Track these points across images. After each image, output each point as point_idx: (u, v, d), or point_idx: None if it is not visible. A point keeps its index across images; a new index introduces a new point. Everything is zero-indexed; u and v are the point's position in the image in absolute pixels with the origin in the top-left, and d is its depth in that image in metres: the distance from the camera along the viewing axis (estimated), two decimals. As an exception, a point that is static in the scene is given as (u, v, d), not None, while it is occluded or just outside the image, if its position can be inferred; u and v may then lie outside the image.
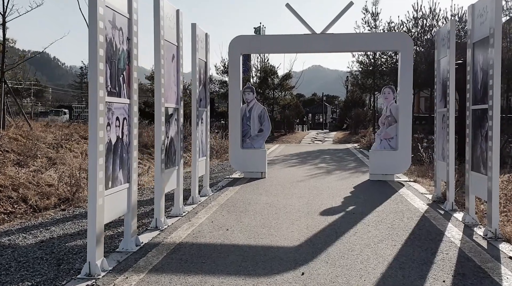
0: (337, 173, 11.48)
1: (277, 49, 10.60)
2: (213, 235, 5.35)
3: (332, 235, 5.38)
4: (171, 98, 6.14)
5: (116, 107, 4.38)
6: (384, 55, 26.41)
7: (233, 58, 10.42)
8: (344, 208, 6.99)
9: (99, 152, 3.96)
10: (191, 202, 7.36)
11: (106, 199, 4.16)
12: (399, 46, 10.11)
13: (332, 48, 10.33)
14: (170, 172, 6.11)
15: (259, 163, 10.52)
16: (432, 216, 6.43)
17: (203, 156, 8.01)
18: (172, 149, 6.21)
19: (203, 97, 7.97)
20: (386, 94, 10.46)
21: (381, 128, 10.52)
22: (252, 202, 7.46)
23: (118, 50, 4.42)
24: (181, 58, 6.46)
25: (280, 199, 7.76)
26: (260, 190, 8.67)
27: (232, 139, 10.56)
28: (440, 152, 7.64)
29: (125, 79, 4.57)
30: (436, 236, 5.38)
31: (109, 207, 4.23)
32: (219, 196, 8.07)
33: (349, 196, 8.18)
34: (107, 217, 4.23)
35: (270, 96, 31.19)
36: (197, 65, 7.41)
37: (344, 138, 29.27)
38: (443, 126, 7.46)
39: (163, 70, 5.73)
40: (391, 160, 10.14)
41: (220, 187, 9.19)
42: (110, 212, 4.29)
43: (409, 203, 7.39)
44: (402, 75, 10.04)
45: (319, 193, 8.42)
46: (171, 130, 6.15)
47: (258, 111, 10.82)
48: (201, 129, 7.85)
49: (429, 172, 10.68)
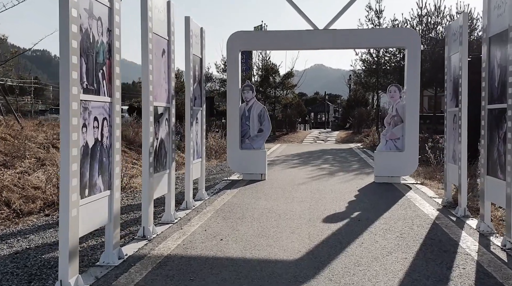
0: (340, 175, 11.00)
1: (277, 45, 10.12)
2: (205, 246, 4.88)
3: (336, 246, 4.91)
4: (161, 96, 5.68)
5: (94, 106, 3.92)
6: (388, 53, 25.89)
7: (232, 55, 9.95)
8: (348, 214, 6.52)
9: (72, 157, 3.49)
10: (185, 207, 6.89)
11: (82, 209, 3.69)
12: (405, 42, 9.62)
13: (335, 44, 9.84)
14: (160, 176, 5.64)
15: (259, 164, 10.04)
16: (443, 224, 5.95)
17: (198, 158, 7.54)
18: (163, 151, 5.74)
19: (198, 95, 7.50)
20: (392, 92, 9.97)
21: (386, 128, 10.03)
22: (250, 207, 6.99)
23: (96, 42, 3.95)
24: (172, 53, 5.99)
25: (280, 203, 7.29)
26: (259, 194, 8.20)
27: (231, 139, 10.09)
28: (451, 154, 7.15)
29: (105, 74, 4.10)
30: (450, 247, 4.90)
31: (85, 218, 3.77)
32: (215, 200, 7.60)
33: (354, 200, 7.70)
34: (83, 229, 3.76)
35: (271, 94, 30.70)
36: (191, 61, 6.94)
37: (347, 137, 28.77)
38: (454, 127, 6.97)
39: (152, 66, 5.26)
40: (397, 161, 9.65)
41: (217, 190, 8.72)
42: (87, 224, 3.83)
43: (418, 209, 6.91)
44: (408, 73, 9.55)
45: (322, 197, 7.95)
46: (161, 131, 5.68)
47: (258, 110, 10.34)
48: (195, 130, 7.38)
49: (437, 174, 10.20)
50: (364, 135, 25.39)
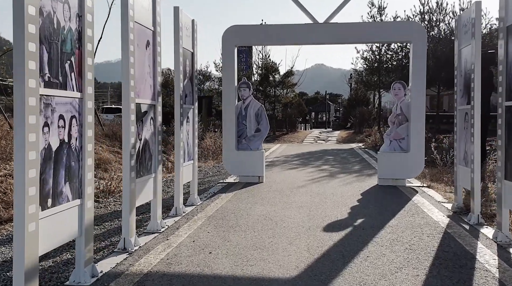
0: (341, 177, 10.47)
1: (275, 40, 9.58)
2: (192, 260, 4.35)
3: (339, 260, 4.38)
4: (145, 92, 5.15)
5: (59, 102, 3.39)
6: (390, 51, 25.35)
7: (227, 50, 9.42)
8: (351, 222, 5.99)
9: (29, 162, 2.97)
10: (174, 214, 6.36)
11: (43, 223, 3.17)
12: (410, 36, 9.08)
13: (336, 39, 9.31)
14: (143, 181, 5.11)
15: (256, 166, 9.51)
16: (456, 233, 5.41)
17: (189, 160, 7.01)
18: (147, 153, 5.21)
19: (189, 92, 6.97)
20: (396, 90, 9.43)
21: (390, 127, 9.49)
22: (245, 213, 6.46)
23: (63, 29, 3.42)
24: (158, 45, 5.47)
25: (278, 209, 6.76)
26: (256, 198, 7.67)
27: (226, 140, 9.56)
28: (462, 156, 6.62)
29: (74, 66, 3.57)
30: (467, 261, 4.37)
31: (48, 233, 3.24)
32: (208, 205, 7.07)
33: (357, 205, 7.17)
34: (45, 246, 3.24)
35: (271, 94, 30.14)
36: (180, 55, 6.40)
37: (348, 137, 28.22)
38: (466, 126, 6.44)
39: (133, 58, 4.74)
40: (402, 163, 9.12)
41: (211, 193, 8.19)
42: (50, 239, 3.30)
43: (427, 215, 6.37)
44: (414, 69, 9.01)
45: (322, 201, 7.42)
46: (144, 131, 5.15)
47: (255, 109, 9.81)
48: (186, 129, 6.85)
49: (443, 176, 9.67)
50: (366, 135, 24.86)
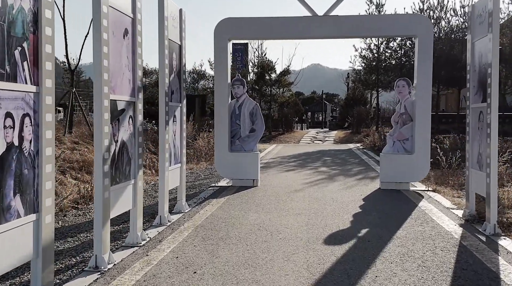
0: (341, 180, 9.88)
1: (271, 34, 8.98)
2: (173, 283, 3.74)
3: (343, 281, 3.78)
4: (122, 87, 4.54)
5: (6, 97, 2.78)
6: (388, 49, 24.83)
7: (220, 45, 8.81)
8: (355, 232, 5.39)
9: (-41, 171, 2.36)
10: (158, 223, 5.75)
11: (-18, 246, 2.56)
12: (415, 29, 8.50)
13: (337, 33, 8.72)
14: (120, 188, 4.50)
15: (251, 169, 8.91)
16: (473, 246, 4.83)
17: (176, 163, 6.39)
18: (125, 157, 4.60)
19: (176, 89, 6.36)
20: (400, 87, 8.85)
21: (394, 127, 8.92)
22: (237, 222, 5.85)
23: (11, 8, 2.81)
24: (139, 35, 4.85)
25: (273, 217, 6.16)
26: (250, 204, 7.07)
27: (219, 141, 8.96)
28: (475, 159, 6.04)
29: (26, 54, 2.96)
30: (490, 282, 3.78)
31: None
32: (197, 212, 6.47)
33: (359, 212, 6.58)
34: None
35: (267, 92, 29.52)
36: (166, 47, 5.79)
37: (346, 137, 27.64)
38: (480, 126, 5.86)
39: (107, 48, 4.13)
40: (406, 165, 8.54)
41: (201, 199, 7.58)
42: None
43: (437, 224, 5.79)
44: (419, 65, 8.43)
45: (322, 207, 6.83)
46: (122, 132, 4.54)
47: (250, 108, 9.21)
48: (173, 130, 6.24)
49: (449, 179, 9.10)
50: (364, 135, 24.28)
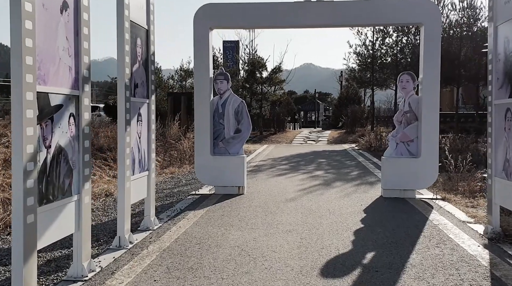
0: (338, 186, 8.86)
1: (259, 22, 7.95)
2: None
3: None
4: (57, 77, 3.47)
5: None
6: (384, 46, 23.92)
7: (200, 34, 7.75)
8: (358, 257, 4.37)
9: None
10: (117, 246, 4.69)
11: None
12: (421, 16, 7.50)
13: (332, 21, 7.72)
14: (55, 208, 3.44)
15: (236, 174, 7.86)
16: (509, 277, 3.83)
17: (142, 171, 5.32)
18: (61, 167, 3.53)
19: (141, 82, 5.29)
20: (403, 82, 7.85)
21: (397, 127, 7.92)
22: (214, 244, 4.81)
23: None
24: (85, 11, 3.79)
25: (259, 235, 5.13)
26: (232, 218, 6.03)
27: (199, 143, 7.90)
28: (501, 166, 5.04)
29: None
30: None
31: None
32: (168, 230, 5.41)
33: (361, 228, 5.56)
34: None
35: (258, 91, 28.45)
36: (126, 30, 4.72)
37: (340, 137, 26.65)
38: (508, 126, 4.87)
39: (32, 23, 3.06)
40: (411, 170, 7.54)
41: (177, 211, 6.53)
42: None
43: (456, 244, 4.79)
44: (426, 57, 7.44)
45: (317, 222, 5.80)
46: (57, 135, 3.47)
47: (235, 105, 8.16)
48: (137, 131, 5.17)
49: (458, 185, 8.12)
50: (359, 135, 23.31)
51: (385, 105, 45.49)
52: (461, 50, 21.02)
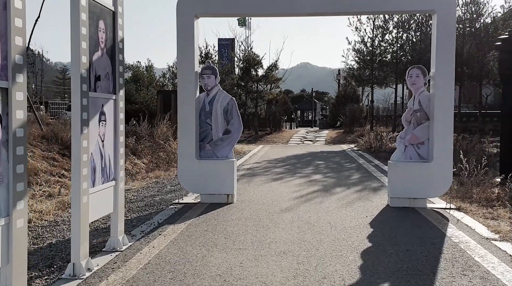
0: (338, 192, 8.00)
1: (250, 8, 7.08)
2: None
3: None
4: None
5: None
6: (384, 43, 23.09)
7: (184, 22, 6.87)
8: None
9: None
10: (71, 275, 3.80)
11: None
12: (433, 3, 6.66)
13: (334, 7, 6.86)
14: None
15: (225, 181, 6.99)
16: None
17: (106, 181, 4.43)
18: (-24, 183, 2.65)
19: (105, 74, 4.39)
20: (413, 77, 6.99)
21: (405, 128, 7.06)
22: (191, 271, 3.93)
23: None
24: (16, -23, 2.91)
25: (247, 259, 4.25)
26: (217, 234, 5.16)
27: (183, 145, 7.01)
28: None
29: None
30: None
31: None
32: (139, 251, 4.53)
33: (369, 248, 4.69)
34: None
35: (253, 89, 27.54)
36: (81, 9, 3.83)
37: (338, 137, 25.81)
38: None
39: None
40: (421, 177, 6.69)
41: (154, 224, 5.65)
42: None
43: (487, 272, 3.93)
44: (439, 49, 6.60)
45: (317, 240, 4.94)
46: (-32, 140, 2.59)
47: (224, 103, 7.28)
48: (100, 133, 4.29)
49: (472, 191, 7.26)
50: (358, 135, 22.48)
51: (382, 104, 44.71)
52: (464, 47, 20.24)
